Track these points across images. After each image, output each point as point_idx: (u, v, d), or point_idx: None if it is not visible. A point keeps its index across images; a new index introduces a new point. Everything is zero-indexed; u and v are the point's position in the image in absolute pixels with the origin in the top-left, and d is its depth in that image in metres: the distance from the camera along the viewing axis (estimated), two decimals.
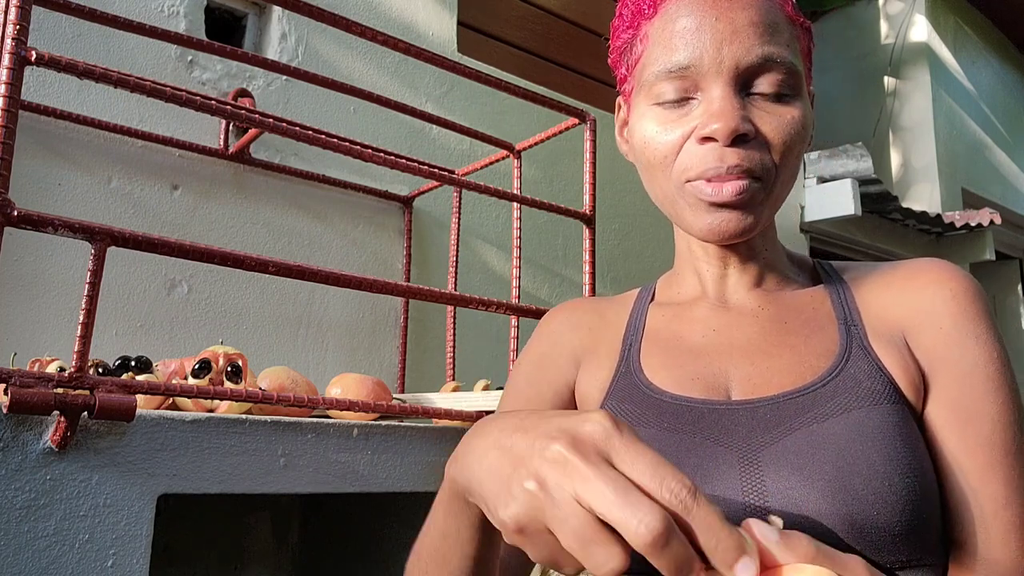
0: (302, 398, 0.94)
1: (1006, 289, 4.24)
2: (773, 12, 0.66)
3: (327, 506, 1.53)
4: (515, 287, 1.41)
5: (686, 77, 0.66)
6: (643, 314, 0.79)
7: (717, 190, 0.65)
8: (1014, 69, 4.64)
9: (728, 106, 0.64)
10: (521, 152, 1.51)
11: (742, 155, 0.64)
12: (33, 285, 1.33)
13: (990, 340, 0.66)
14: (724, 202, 0.65)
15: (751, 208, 0.66)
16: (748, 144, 0.65)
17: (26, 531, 0.74)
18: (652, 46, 0.68)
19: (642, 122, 0.69)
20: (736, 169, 0.64)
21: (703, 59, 0.65)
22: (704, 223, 0.67)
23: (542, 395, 0.78)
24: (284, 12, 1.69)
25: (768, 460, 0.62)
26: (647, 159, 0.69)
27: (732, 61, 0.64)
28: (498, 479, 0.45)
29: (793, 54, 0.66)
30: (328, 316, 1.68)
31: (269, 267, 0.92)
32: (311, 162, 1.67)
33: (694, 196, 0.66)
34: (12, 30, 0.76)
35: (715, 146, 0.64)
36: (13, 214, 0.74)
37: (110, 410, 0.77)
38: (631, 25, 0.71)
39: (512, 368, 0.84)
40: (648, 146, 0.69)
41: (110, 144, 1.43)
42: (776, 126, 0.65)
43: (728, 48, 0.64)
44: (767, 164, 0.65)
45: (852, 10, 4.04)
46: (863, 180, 2.95)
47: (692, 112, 0.66)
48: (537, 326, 0.84)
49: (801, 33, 0.70)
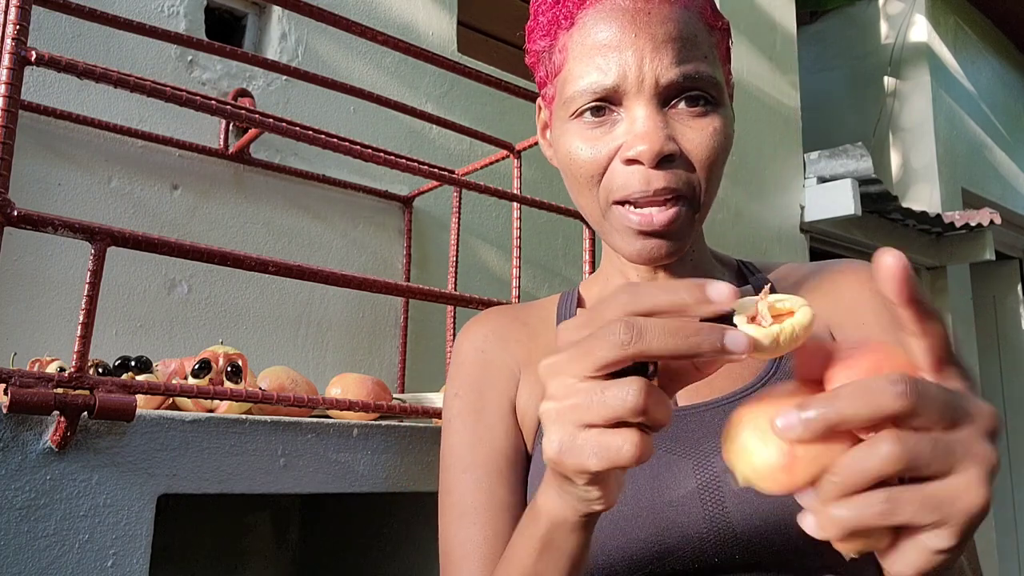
0: (302, 398, 0.94)
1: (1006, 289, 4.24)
2: (691, 23, 0.66)
3: (327, 506, 1.53)
4: (515, 287, 1.41)
5: (608, 88, 0.65)
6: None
7: (647, 220, 0.64)
8: (1014, 69, 4.64)
9: (652, 126, 0.63)
10: (521, 152, 1.51)
11: (668, 178, 0.64)
12: (33, 285, 1.33)
13: None
14: (653, 231, 0.65)
15: (679, 234, 0.66)
16: (673, 164, 0.64)
17: (26, 531, 0.74)
18: (572, 60, 0.68)
19: (566, 136, 0.69)
20: (663, 193, 0.64)
21: (626, 78, 0.64)
22: (633, 249, 0.67)
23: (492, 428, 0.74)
24: (284, 12, 1.69)
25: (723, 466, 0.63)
26: (573, 175, 0.69)
27: (653, 79, 0.64)
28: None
29: (712, 64, 0.67)
30: (328, 316, 1.68)
31: (269, 267, 0.92)
32: (311, 162, 1.67)
33: (621, 222, 0.66)
34: (12, 30, 0.76)
35: (640, 169, 0.64)
36: (13, 214, 0.74)
37: (110, 410, 0.77)
38: (548, 34, 0.71)
39: (447, 402, 0.79)
40: (574, 163, 0.68)
41: (110, 144, 1.43)
42: (699, 142, 0.65)
43: (649, 65, 0.64)
44: (693, 183, 0.65)
45: (852, 10, 4.04)
46: (863, 180, 2.95)
47: (615, 130, 0.66)
48: (456, 348, 0.80)
49: (721, 37, 0.70)
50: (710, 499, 0.62)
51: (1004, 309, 4.22)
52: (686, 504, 0.63)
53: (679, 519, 0.62)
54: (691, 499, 0.63)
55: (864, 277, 0.72)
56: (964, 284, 3.84)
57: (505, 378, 0.76)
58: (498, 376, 0.76)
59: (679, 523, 0.62)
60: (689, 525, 0.62)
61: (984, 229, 3.46)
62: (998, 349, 4.15)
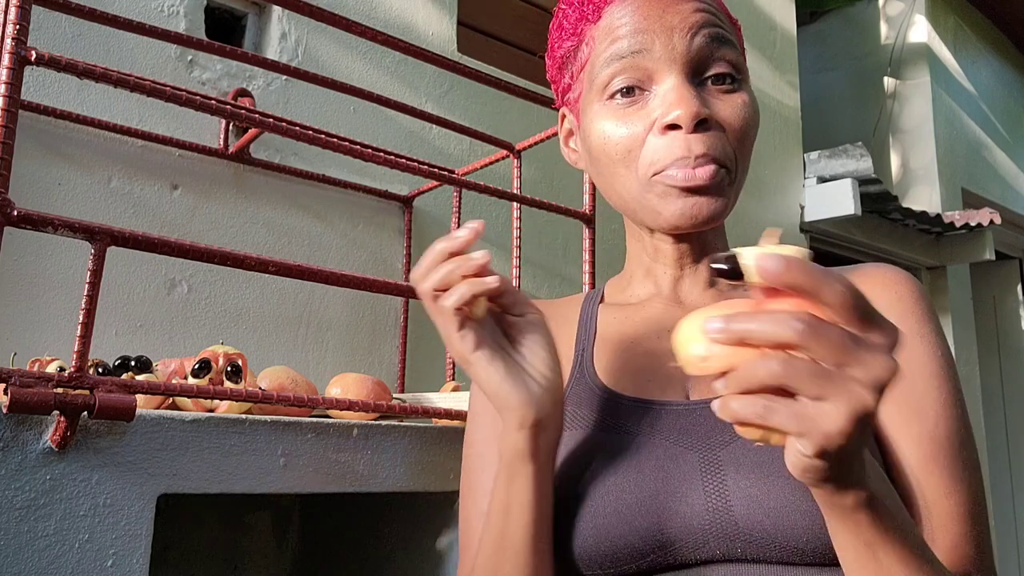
0: (302, 398, 0.94)
1: (1006, 289, 4.24)
2: (715, 9, 0.70)
3: (327, 506, 1.53)
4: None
5: (638, 67, 0.67)
6: (593, 316, 0.79)
7: (690, 175, 0.66)
8: (1014, 69, 4.64)
9: (687, 92, 0.66)
10: (521, 152, 1.51)
11: (707, 143, 0.66)
12: (33, 285, 1.33)
13: (934, 339, 0.69)
14: (697, 186, 0.66)
15: (721, 192, 0.68)
16: (709, 131, 0.66)
17: (26, 531, 0.74)
18: (599, 44, 0.69)
19: (597, 121, 0.70)
20: (703, 158, 0.66)
21: (654, 47, 0.66)
22: (676, 208, 0.68)
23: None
24: (284, 12, 1.69)
25: (728, 459, 0.63)
26: (608, 156, 0.70)
27: (683, 49, 0.66)
28: None
29: (735, 47, 0.70)
30: (328, 316, 1.68)
31: (269, 267, 0.92)
32: (311, 162, 1.67)
33: (663, 185, 0.68)
34: (12, 30, 0.76)
35: (679, 135, 0.66)
36: (13, 214, 0.74)
37: (110, 410, 0.77)
38: (575, 32, 0.72)
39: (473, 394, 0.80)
40: (608, 142, 0.69)
41: (110, 144, 1.43)
42: (731, 112, 0.68)
43: (679, 37, 0.66)
44: (728, 152, 0.68)
45: (852, 10, 4.04)
46: (863, 180, 2.95)
47: (648, 105, 0.68)
48: None
49: (738, 31, 0.74)
50: (714, 492, 0.62)
51: (1004, 309, 4.22)
52: (689, 496, 0.63)
53: (682, 510, 0.63)
54: (695, 491, 0.63)
55: (888, 280, 0.71)
56: (964, 284, 3.84)
57: None
58: None
59: (682, 514, 0.63)
60: (692, 516, 0.62)
61: (984, 229, 3.46)
62: (998, 349, 4.14)
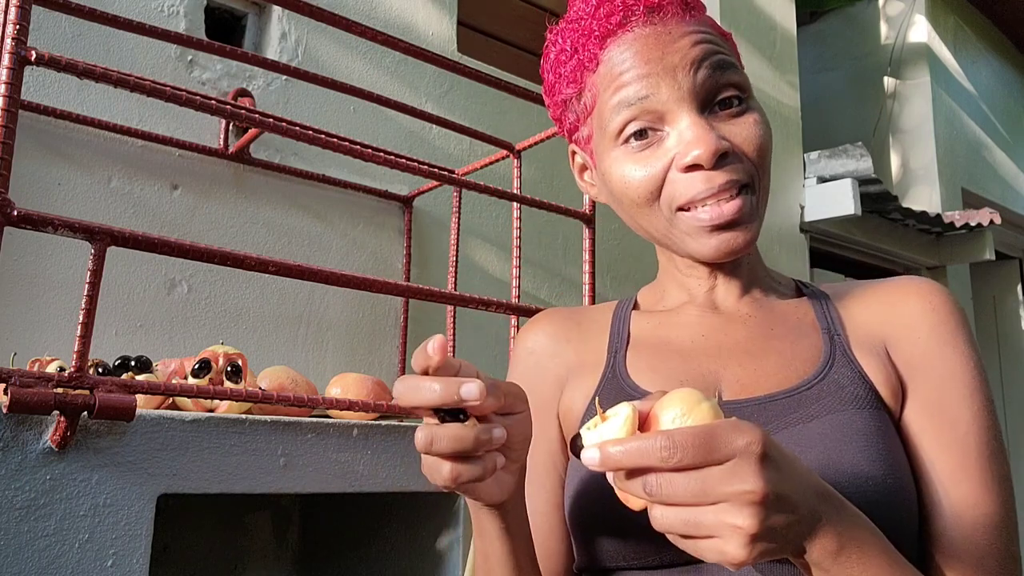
0: (302, 398, 0.94)
1: (1006, 289, 4.24)
2: (708, 33, 0.69)
3: (327, 506, 1.53)
4: (515, 287, 1.41)
5: (648, 110, 0.67)
6: (626, 322, 0.79)
7: (717, 213, 0.66)
8: (1014, 69, 4.64)
9: (702, 130, 0.65)
10: (521, 152, 1.51)
11: (728, 172, 0.66)
12: (33, 285, 1.33)
13: (967, 350, 0.69)
14: (724, 223, 0.66)
15: (751, 218, 0.68)
16: (728, 160, 0.66)
17: (26, 531, 0.74)
18: (605, 93, 0.69)
19: (616, 167, 0.70)
20: (726, 187, 0.66)
21: (660, 90, 0.66)
22: (710, 246, 0.68)
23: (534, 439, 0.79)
24: (284, 12, 1.69)
25: None
26: (631, 198, 0.70)
27: (689, 86, 0.66)
28: None
29: (735, 67, 0.69)
30: (328, 316, 1.68)
31: (269, 267, 0.92)
32: (311, 162, 1.67)
33: (690, 224, 0.68)
34: (12, 30, 0.76)
35: (700, 172, 0.66)
36: (13, 214, 0.74)
37: (110, 410, 0.77)
38: (574, 80, 0.72)
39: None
40: (630, 186, 0.69)
41: (110, 144, 1.43)
42: (746, 135, 0.67)
43: (683, 76, 0.66)
44: (750, 170, 0.67)
45: (852, 10, 4.03)
46: (863, 180, 2.95)
47: (664, 145, 0.68)
48: (514, 347, 0.84)
49: (732, 45, 0.73)
50: None
51: (1004, 309, 4.22)
52: None
53: None
54: None
55: (923, 291, 0.71)
56: (964, 284, 3.84)
57: (551, 384, 0.78)
58: (544, 381, 0.79)
59: None
60: None
61: (984, 229, 3.46)
62: (998, 349, 4.14)
